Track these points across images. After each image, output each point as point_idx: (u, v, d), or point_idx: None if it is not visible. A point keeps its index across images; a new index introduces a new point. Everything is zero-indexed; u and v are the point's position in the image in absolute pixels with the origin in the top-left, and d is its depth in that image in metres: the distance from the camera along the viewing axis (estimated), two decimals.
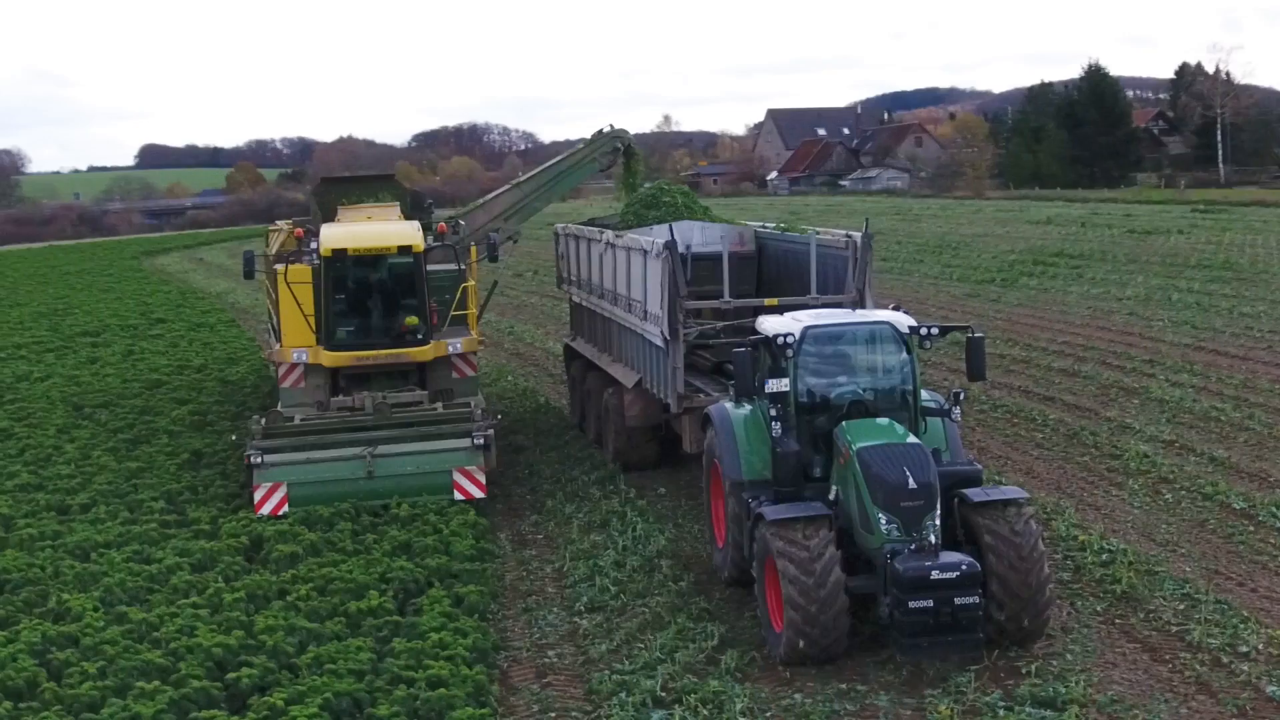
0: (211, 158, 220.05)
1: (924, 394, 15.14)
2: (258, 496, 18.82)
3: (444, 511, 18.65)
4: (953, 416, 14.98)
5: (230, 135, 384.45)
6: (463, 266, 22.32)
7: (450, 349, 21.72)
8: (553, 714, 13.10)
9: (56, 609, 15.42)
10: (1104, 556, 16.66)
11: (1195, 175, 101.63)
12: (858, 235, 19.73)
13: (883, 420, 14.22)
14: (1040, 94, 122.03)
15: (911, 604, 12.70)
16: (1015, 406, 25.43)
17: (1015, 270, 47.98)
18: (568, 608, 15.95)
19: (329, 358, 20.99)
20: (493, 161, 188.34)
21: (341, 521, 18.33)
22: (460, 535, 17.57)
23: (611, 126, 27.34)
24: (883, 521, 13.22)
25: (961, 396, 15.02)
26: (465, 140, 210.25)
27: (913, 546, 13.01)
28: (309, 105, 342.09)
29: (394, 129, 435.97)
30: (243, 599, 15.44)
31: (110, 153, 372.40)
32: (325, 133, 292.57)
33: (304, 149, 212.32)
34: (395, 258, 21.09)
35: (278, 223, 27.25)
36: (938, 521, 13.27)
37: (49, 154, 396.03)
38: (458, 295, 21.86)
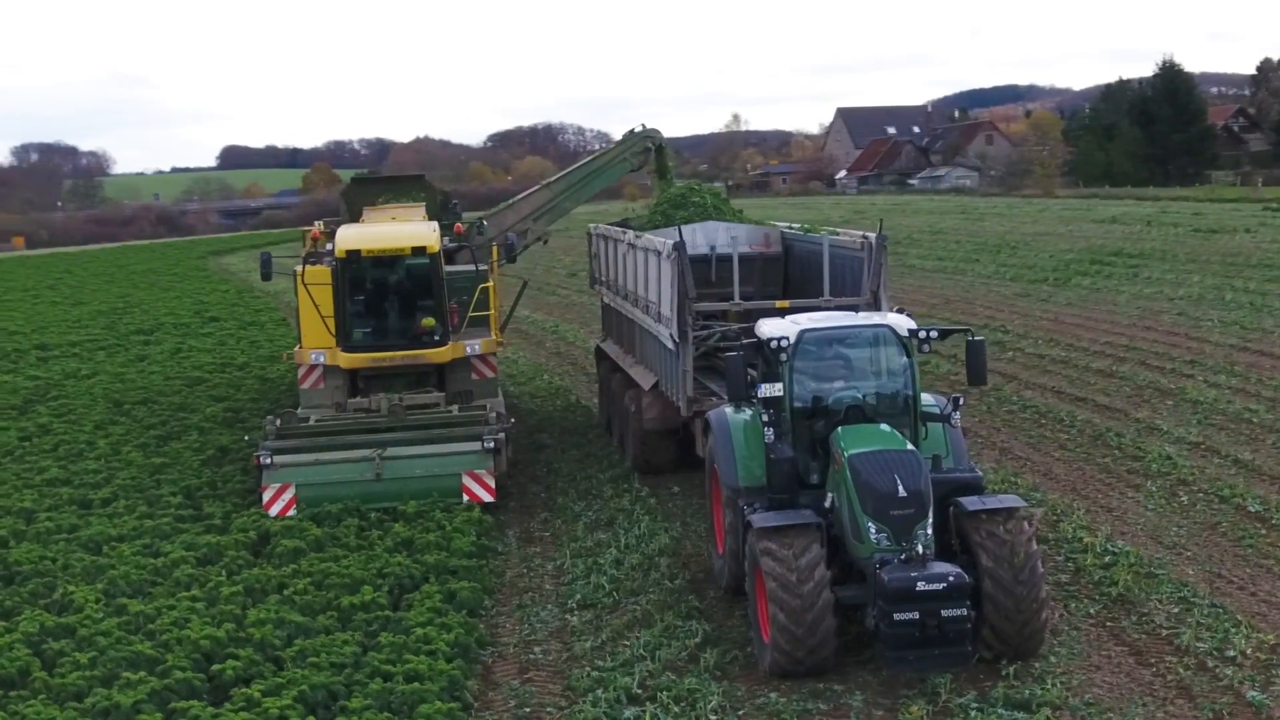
0: (290, 158, 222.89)
1: (927, 398, 14.85)
2: (266, 497, 18.93)
3: (450, 509, 18.79)
4: (952, 422, 14.57)
5: (309, 136, 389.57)
6: (480, 267, 22.33)
7: (468, 350, 21.66)
8: (528, 709, 13.22)
9: (60, 600, 15.77)
10: (1106, 559, 16.49)
11: (1273, 173, 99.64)
12: (873, 236, 19.64)
13: (879, 426, 13.88)
14: (1116, 91, 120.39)
15: (897, 616, 12.39)
16: (1045, 407, 25.16)
17: (1070, 270, 47.38)
18: (561, 604, 16.07)
19: (346, 359, 21.05)
20: (566, 161, 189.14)
21: (349, 518, 18.57)
22: (462, 532, 17.74)
23: (644, 126, 27.34)
24: (872, 530, 12.90)
25: (961, 402, 14.66)
26: (540, 140, 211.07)
27: (902, 556, 12.67)
28: (387, 106, 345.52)
29: (470, 129, 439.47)
30: (240, 593, 15.71)
31: (192, 154, 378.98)
32: (402, 133, 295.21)
33: (381, 149, 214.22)
34: (412, 259, 21.10)
35: (315, 224, 27.49)
36: (929, 531, 12.93)
37: (133, 156, 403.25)
38: (475, 296, 21.91)
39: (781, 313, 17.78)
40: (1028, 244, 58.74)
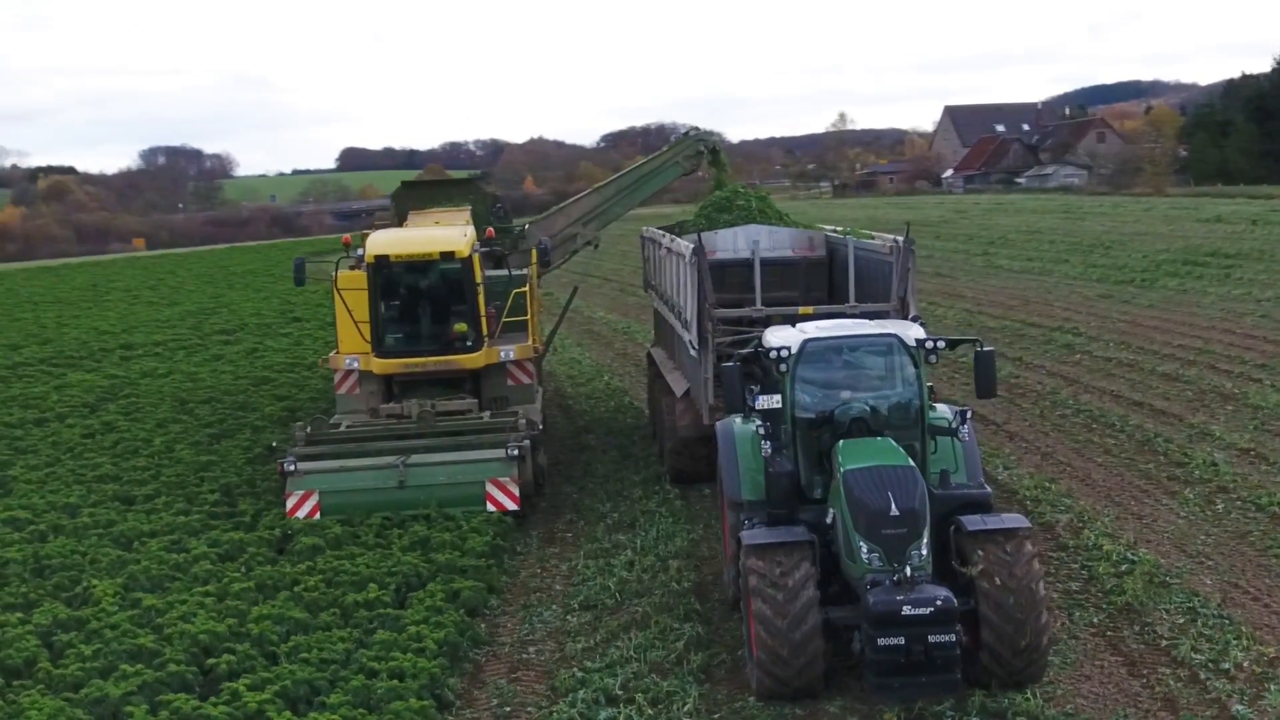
0: (408, 160, 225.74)
1: (943, 409, 14.38)
2: (290, 504, 18.97)
3: (472, 509, 18.90)
4: (960, 436, 13.97)
5: (426, 138, 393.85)
6: (514, 272, 22.29)
7: (503, 356, 21.53)
8: (508, 709, 13.37)
9: (81, 594, 16.26)
10: (1122, 567, 16.20)
11: None
12: (900, 240, 19.40)
13: (881, 440, 13.34)
14: (1237, 87, 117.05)
15: (881, 641, 11.88)
16: (1099, 411, 24.70)
17: (1160, 270, 46.39)
18: (564, 605, 16.19)
19: (379, 365, 21.07)
20: None
21: (372, 516, 18.81)
22: (479, 532, 17.94)
23: (697, 129, 27.20)
24: (864, 550, 12.39)
25: (969, 414, 14.04)
26: (652, 140, 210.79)
27: (895, 578, 12.14)
28: (502, 107, 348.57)
29: (583, 129, 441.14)
30: (251, 589, 16.06)
31: (313, 156, 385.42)
32: (517, 134, 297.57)
33: (495, 150, 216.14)
34: (444, 263, 21.07)
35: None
36: (924, 551, 12.41)
37: (256, 158, 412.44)
38: (509, 301, 21.84)
39: (803, 318, 17.69)
40: (1123, 244, 57.59)
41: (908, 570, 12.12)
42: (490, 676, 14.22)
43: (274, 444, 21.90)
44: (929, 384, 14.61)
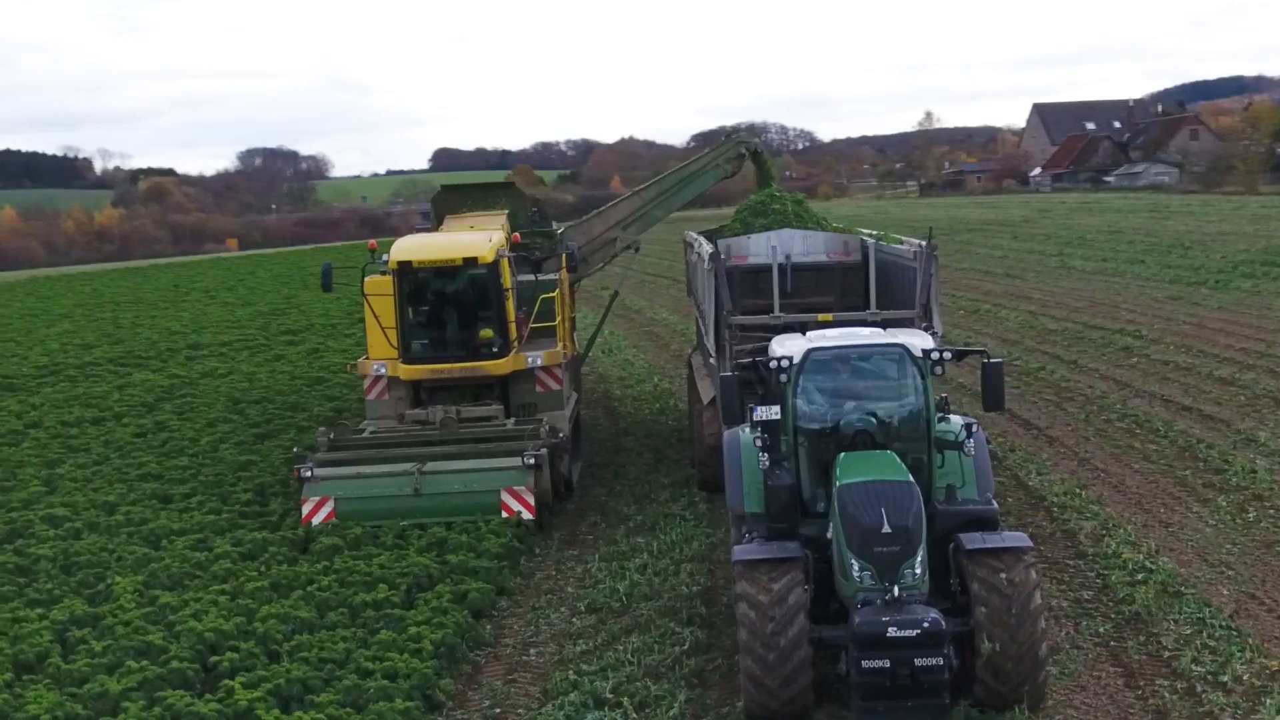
0: (499, 160, 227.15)
1: (955, 420, 13.83)
2: (305, 510, 18.95)
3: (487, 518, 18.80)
4: (966, 450, 13.42)
5: (518, 138, 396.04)
6: (539, 277, 22.18)
7: (530, 362, 21.35)
8: (498, 710, 13.49)
9: (103, 591, 16.65)
10: (1139, 576, 15.94)
11: None
12: (923, 244, 19.14)
13: (882, 453, 13.00)
14: None
15: (865, 663, 11.60)
16: (1145, 416, 24.28)
17: (1236, 272, 45.39)
18: (572, 607, 16.28)
19: (405, 371, 21.04)
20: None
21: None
22: (497, 534, 18.07)
23: (740, 130, 27.07)
24: (855, 568, 12.10)
25: (975, 428, 13.48)
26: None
27: (884, 598, 11.87)
28: (594, 107, 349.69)
29: (673, 128, 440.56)
30: (265, 588, 16.34)
31: (407, 157, 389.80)
32: (607, 134, 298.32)
33: (586, 150, 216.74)
34: (468, 269, 20.93)
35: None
36: (918, 570, 12.08)
37: (351, 159, 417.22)
38: (536, 306, 21.70)
39: (821, 325, 17.51)
40: (1204, 244, 56.43)
41: (895, 590, 11.85)
42: (488, 678, 14.35)
43: (295, 449, 22.12)
44: (943, 395, 14.39)
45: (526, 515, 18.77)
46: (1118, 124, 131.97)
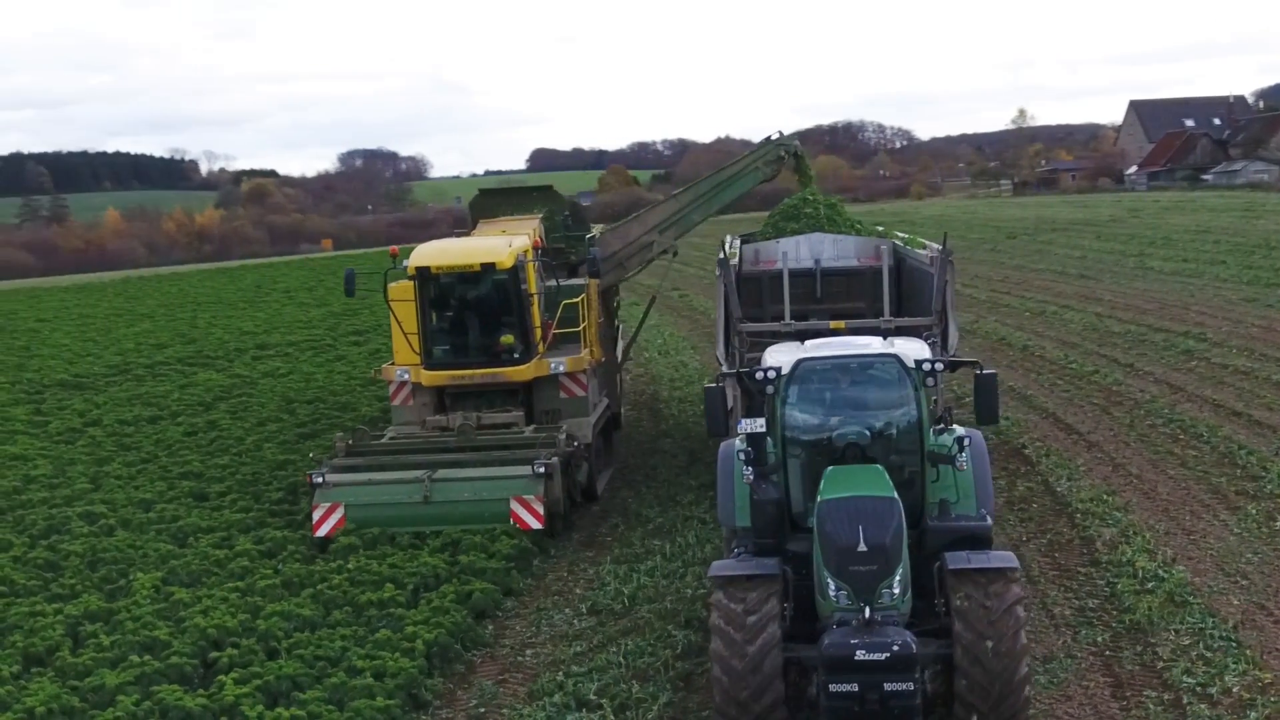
0: (596, 160, 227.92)
1: (958, 431, 13.27)
2: (316, 516, 18.90)
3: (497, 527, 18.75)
4: (958, 464, 12.94)
5: (615, 138, 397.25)
6: (560, 282, 22.10)
7: (553, 368, 21.16)
8: (483, 710, 13.66)
9: (123, 587, 17.08)
10: (1148, 584, 15.68)
11: None
12: (938, 249, 18.94)
13: (869, 468, 12.60)
14: None
15: (833, 687, 11.23)
16: (1190, 421, 23.81)
17: None
18: (576, 609, 16.39)
19: (427, 377, 20.98)
20: (861, 160, 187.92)
21: None
22: (512, 535, 18.26)
23: (780, 133, 26.78)
24: (832, 587, 11.75)
25: (968, 441, 12.99)
26: (839, 139, 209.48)
27: (860, 619, 11.51)
28: (690, 107, 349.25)
29: (770, 127, 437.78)
30: (277, 585, 16.66)
31: (505, 157, 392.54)
32: (704, 133, 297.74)
33: (682, 150, 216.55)
34: (487, 274, 20.80)
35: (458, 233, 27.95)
36: (895, 590, 11.71)
37: (451, 160, 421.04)
38: (558, 312, 21.53)
39: (833, 333, 17.33)
40: None
41: (867, 611, 11.49)
42: (480, 677, 14.53)
43: (311, 454, 22.17)
44: (947, 406, 14.19)
45: (535, 524, 18.60)
46: (1217, 121, 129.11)
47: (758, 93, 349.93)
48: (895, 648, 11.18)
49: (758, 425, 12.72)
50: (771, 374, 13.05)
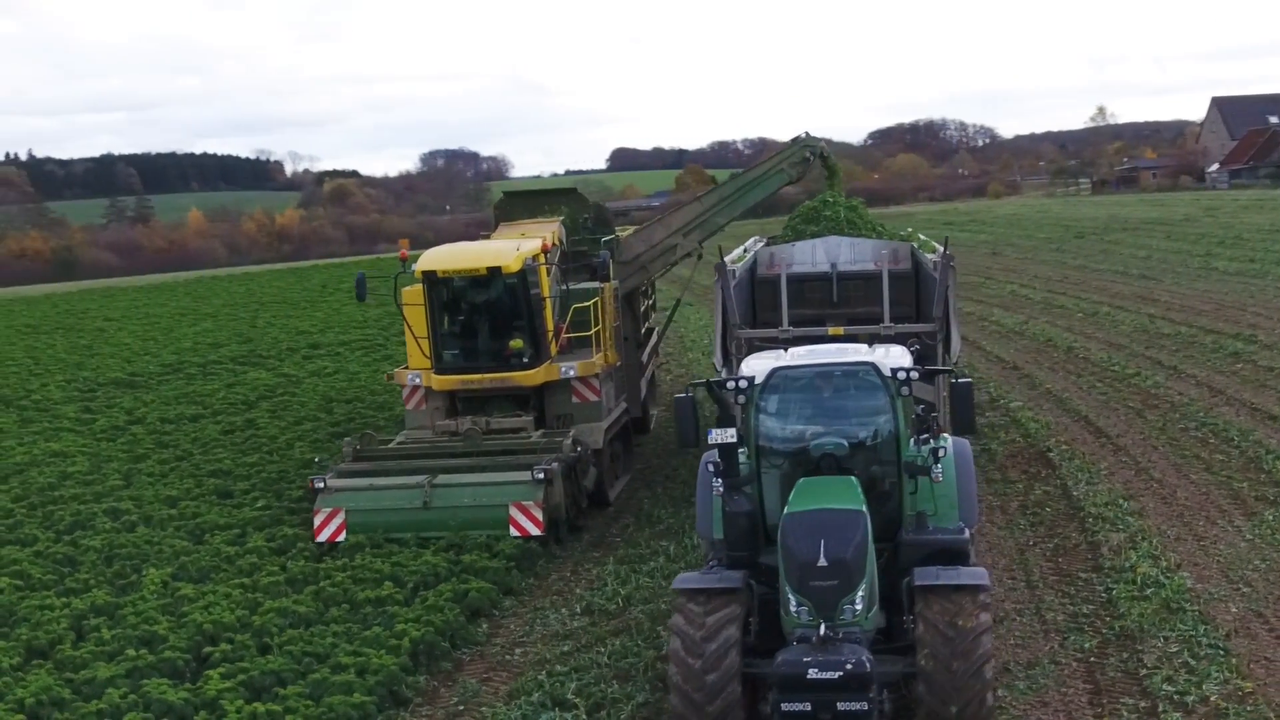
0: (676, 159, 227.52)
1: (947, 440, 13.06)
2: (317, 521, 18.89)
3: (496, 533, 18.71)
4: (934, 476, 12.62)
5: (695, 137, 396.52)
6: (569, 286, 22.07)
7: (564, 372, 21.00)
8: (462, 707, 13.81)
9: (134, 582, 17.44)
10: (1147, 590, 15.50)
11: None
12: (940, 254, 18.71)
13: (840, 479, 12.27)
14: None
15: (785, 706, 11.02)
16: (1222, 424, 23.41)
17: None
18: (572, 609, 16.49)
19: (438, 381, 20.93)
20: (942, 158, 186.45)
21: None
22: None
23: (807, 134, 26.62)
24: (793, 602, 11.52)
25: (942, 453, 12.67)
26: (920, 137, 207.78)
27: (816, 635, 11.23)
28: (771, 105, 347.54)
29: (852, 126, 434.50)
30: (280, 582, 16.93)
31: (586, 157, 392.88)
32: (784, 132, 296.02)
33: (762, 148, 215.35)
34: (494, 278, 20.73)
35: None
36: (858, 606, 11.44)
37: (532, 159, 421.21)
38: (568, 316, 21.47)
39: (831, 339, 17.18)
40: None
41: (823, 628, 11.24)
42: (467, 676, 14.67)
43: (318, 459, 22.23)
44: (934, 414, 13.98)
45: (534, 530, 18.46)
46: None
47: (839, 91, 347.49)
48: (849, 667, 10.92)
49: (728, 436, 12.40)
50: (743, 384, 12.73)
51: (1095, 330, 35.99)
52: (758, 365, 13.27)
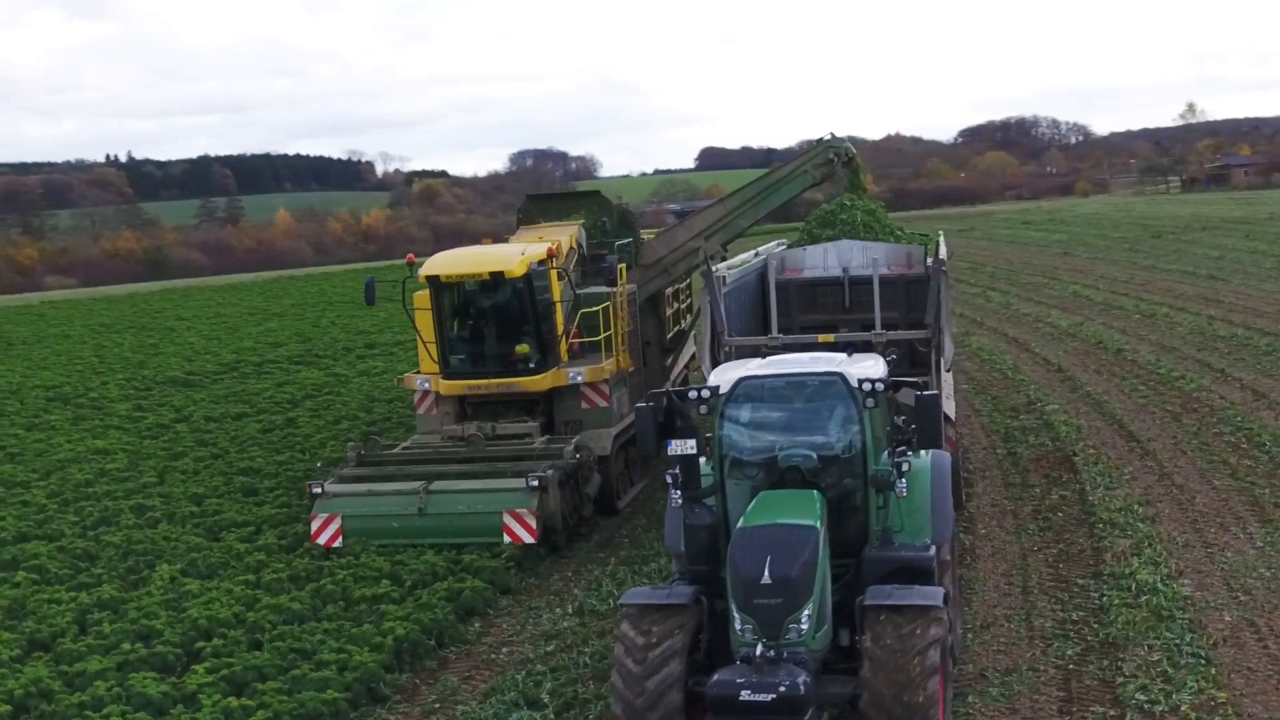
0: (764, 158, 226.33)
1: (922, 454, 12.77)
2: (314, 526, 18.87)
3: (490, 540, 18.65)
4: (898, 491, 12.10)
5: (783, 136, 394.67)
6: (577, 291, 21.91)
7: (571, 378, 20.89)
8: (439, 705, 13.97)
9: (145, 578, 17.83)
10: (1141, 598, 15.28)
11: None
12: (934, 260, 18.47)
13: (799, 493, 11.92)
14: None
15: None
16: (1257, 429, 22.94)
17: None
18: (564, 610, 16.60)
19: (445, 386, 20.89)
20: (1032, 156, 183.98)
21: None
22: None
23: (832, 135, 26.36)
24: (738, 621, 11.17)
25: (907, 468, 12.08)
26: (1011, 134, 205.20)
27: (757, 655, 10.85)
28: (860, 104, 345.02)
29: (941, 124, 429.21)
30: (283, 579, 17.21)
31: (674, 156, 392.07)
32: (873, 130, 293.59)
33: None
34: (501, 283, 20.64)
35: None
36: (804, 625, 11.03)
37: (622, 159, 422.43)
38: (575, 320, 21.42)
39: (822, 346, 16.95)
40: None
41: (759, 648, 10.87)
42: (450, 674, 14.83)
43: (320, 463, 22.37)
44: (912, 425, 13.71)
45: (528, 539, 18.27)
46: None
47: (930, 88, 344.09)
48: (782, 689, 10.50)
49: (688, 447, 12.13)
50: (706, 394, 12.42)
51: (1149, 332, 35.39)
52: (726, 375, 13.01)
